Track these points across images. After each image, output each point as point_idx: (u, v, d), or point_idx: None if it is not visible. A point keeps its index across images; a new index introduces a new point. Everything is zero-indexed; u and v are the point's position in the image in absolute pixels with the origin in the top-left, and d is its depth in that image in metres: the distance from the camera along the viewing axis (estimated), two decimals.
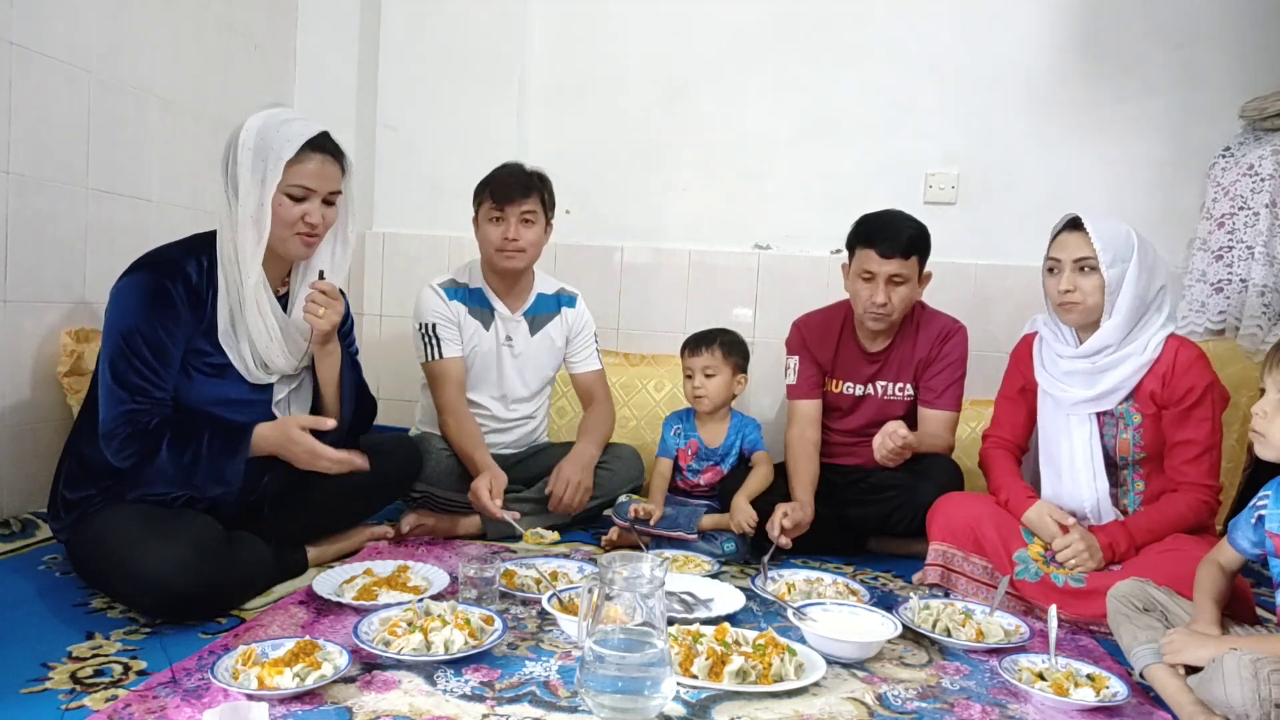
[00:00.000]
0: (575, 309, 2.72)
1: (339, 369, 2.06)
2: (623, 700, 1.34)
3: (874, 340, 2.54)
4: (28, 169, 2.20)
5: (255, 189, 1.82)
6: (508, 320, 2.60)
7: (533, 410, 2.70)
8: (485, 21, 3.32)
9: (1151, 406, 2.06)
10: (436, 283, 2.58)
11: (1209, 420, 2.02)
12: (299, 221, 1.87)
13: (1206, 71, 3.07)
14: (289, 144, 1.83)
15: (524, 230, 2.48)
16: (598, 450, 2.59)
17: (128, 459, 1.79)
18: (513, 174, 2.51)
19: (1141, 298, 2.06)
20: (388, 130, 3.38)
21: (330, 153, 1.91)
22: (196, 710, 1.36)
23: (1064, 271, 2.08)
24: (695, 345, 2.58)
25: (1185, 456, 2.03)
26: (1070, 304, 2.08)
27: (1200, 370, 2.03)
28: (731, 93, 3.32)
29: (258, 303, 1.88)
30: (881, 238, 2.38)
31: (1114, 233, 2.06)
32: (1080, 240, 2.07)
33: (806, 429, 2.54)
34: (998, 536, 2.11)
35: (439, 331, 2.51)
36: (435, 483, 2.43)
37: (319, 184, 1.88)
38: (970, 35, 3.19)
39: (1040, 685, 1.57)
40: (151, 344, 1.80)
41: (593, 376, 2.74)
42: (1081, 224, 2.08)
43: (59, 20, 2.26)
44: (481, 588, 1.87)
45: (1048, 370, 2.18)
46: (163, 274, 1.83)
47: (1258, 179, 2.67)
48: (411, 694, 1.46)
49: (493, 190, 2.49)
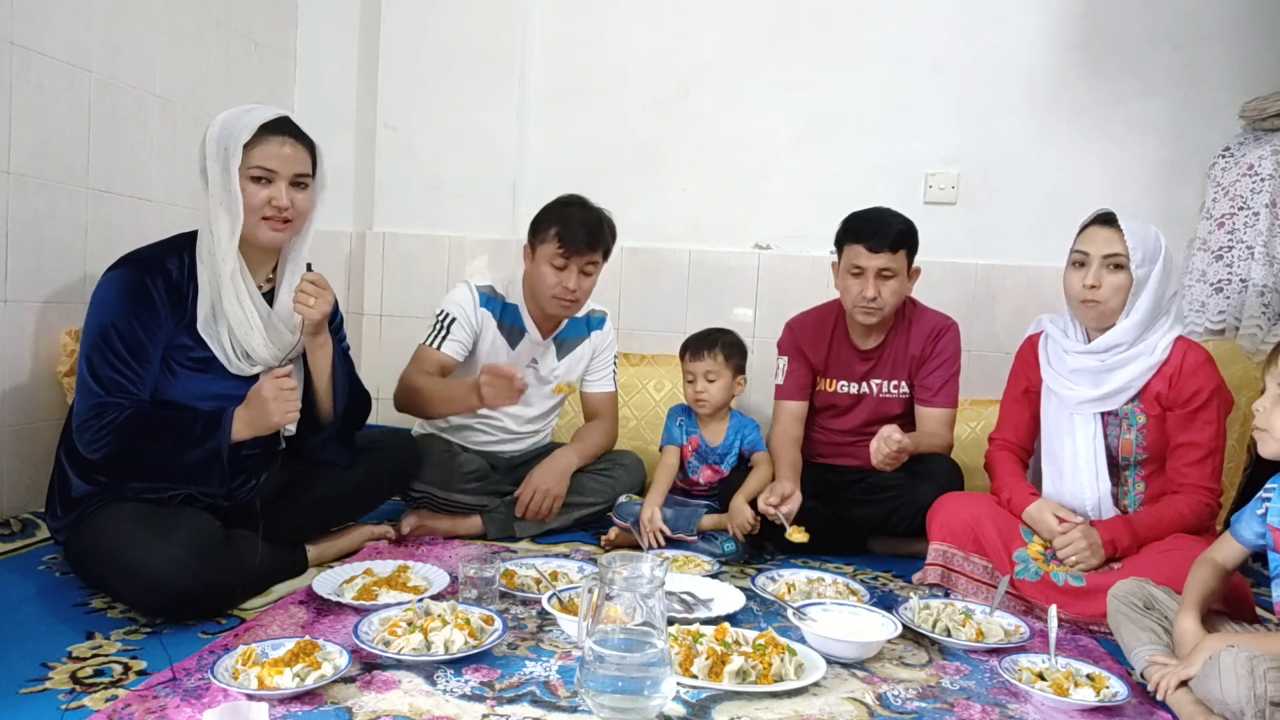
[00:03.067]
0: (603, 330, 2.67)
1: (331, 361, 2.06)
2: (623, 700, 1.35)
3: (866, 338, 2.55)
4: (28, 169, 2.20)
5: (221, 176, 1.85)
6: (537, 345, 2.55)
7: (543, 424, 2.68)
8: (485, 21, 3.32)
9: (1156, 408, 2.05)
10: (476, 283, 2.50)
11: (1213, 423, 2.01)
12: (265, 205, 1.88)
13: (1206, 71, 3.08)
14: (246, 128, 1.86)
15: (583, 281, 2.40)
16: (579, 460, 2.54)
17: (98, 451, 1.80)
18: (586, 223, 2.38)
19: (1159, 300, 2.05)
20: (388, 130, 3.38)
21: (292, 135, 1.91)
22: (196, 710, 1.36)
23: (1091, 266, 2.05)
24: (696, 349, 2.57)
25: (1188, 459, 2.03)
26: (1092, 301, 2.05)
27: (1207, 373, 2.03)
28: (731, 93, 3.32)
29: (235, 290, 1.88)
30: (869, 232, 2.40)
31: (1146, 233, 2.04)
32: (1112, 236, 2.04)
33: (789, 426, 2.55)
34: (998, 536, 2.10)
35: (453, 328, 2.45)
36: (435, 483, 2.42)
37: (280, 165, 1.88)
38: (970, 35, 3.19)
39: (1040, 685, 1.57)
40: (128, 341, 1.81)
41: (603, 398, 2.69)
42: (1114, 220, 2.05)
43: (59, 20, 2.26)
44: (481, 588, 1.87)
45: (1054, 367, 2.17)
46: (143, 271, 1.85)
47: (1258, 179, 2.67)
48: (411, 694, 1.46)
49: (562, 236, 2.35)
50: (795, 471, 2.42)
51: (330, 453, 2.13)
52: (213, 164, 1.86)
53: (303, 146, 1.93)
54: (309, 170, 1.94)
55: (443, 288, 3.27)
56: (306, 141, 1.94)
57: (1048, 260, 3.18)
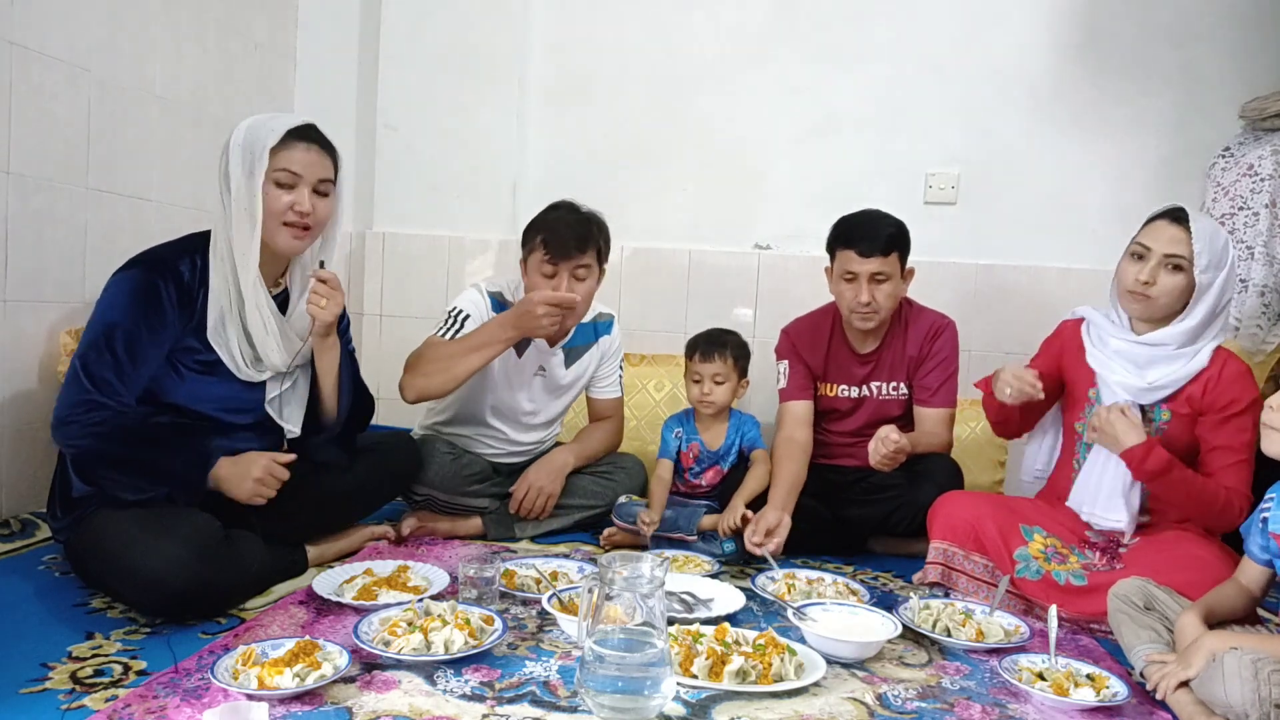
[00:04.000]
0: (610, 334, 2.62)
1: (338, 363, 2.06)
2: (623, 700, 1.34)
3: (864, 341, 2.54)
4: (28, 169, 2.20)
5: (245, 181, 1.85)
6: (544, 352, 2.50)
7: (548, 432, 2.66)
8: (485, 21, 3.32)
9: (1186, 408, 2.02)
10: (486, 288, 2.45)
11: (1249, 431, 1.95)
12: (288, 211, 1.88)
13: (1206, 71, 3.08)
14: (273, 133, 1.87)
15: (577, 286, 2.32)
16: (576, 460, 2.52)
17: (74, 446, 1.81)
18: (569, 224, 2.31)
19: (1217, 307, 2.00)
20: (388, 130, 3.38)
21: (317, 142, 1.92)
22: (196, 710, 1.36)
23: (1150, 261, 1.99)
24: (707, 351, 2.54)
25: (1224, 461, 1.97)
26: (1143, 295, 2.00)
27: (1246, 384, 1.99)
28: (731, 93, 3.31)
29: (255, 298, 1.89)
30: (860, 237, 2.38)
31: (1215, 237, 1.97)
32: (1178, 235, 1.97)
33: (796, 431, 2.51)
34: (999, 535, 2.10)
35: (466, 324, 2.38)
36: (437, 486, 2.41)
37: (305, 170, 1.89)
38: (970, 35, 3.19)
39: (1040, 685, 1.57)
40: (128, 344, 1.81)
41: (609, 404, 2.67)
42: (1184, 218, 1.97)
43: (59, 20, 2.26)
44: (481, 588, 1.87)
45: (1097, 349, 2.11)
46: (154, 272, 1.85)
47: (1257, 179, 2.67)
48: (411, 694, 1.46)
49: (548, 242, 2.28)
50: (792, 490, 2.32)
51: (331, 454, 2.13)
52: (236, 168, 1.86)
53: (326, 153, 1.94)
54: (332, 177, 1.95)
55: (443, 288, 3.28)
56: (330, 149, 1.96)
57: (1048, 260, 3.20)
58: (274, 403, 2.02)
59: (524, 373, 2.50)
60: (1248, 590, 1.67)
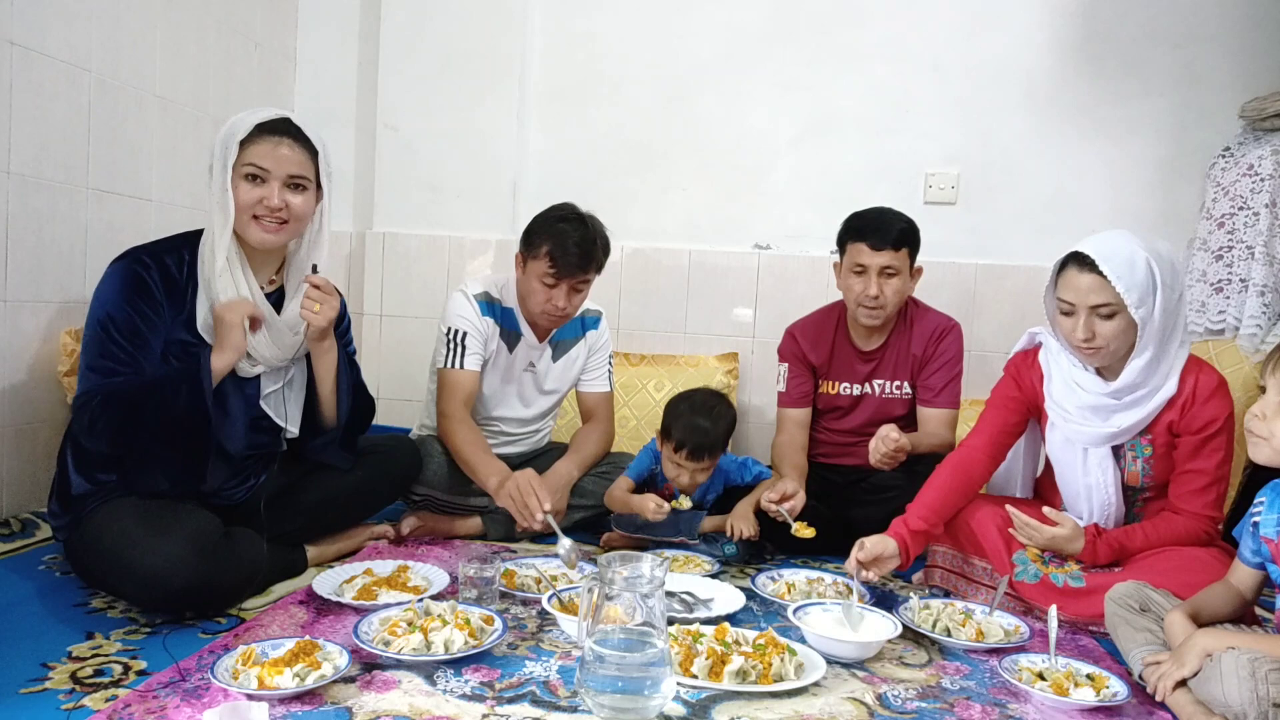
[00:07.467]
0: (598, 330, 2.64)
1: (336, 367, 2.05)
2: (623, 700, 1.35)
3: (868, 338, 2.55)
4: (28, 169, 2.20)
5: (220, 174, 1.86)
6: (533, 348, 2.54)
7: (542, 424, 2.68)
8: (485, 21, 3.32)
9: (1166, 436, 1.99)
10: (472, 292, 2.45)
11: (1221, 451, 1.95)
12: (257, 204, 1.87)
13: (1206, 71, 3.08)
14: (244, 127, 1.87)
15: (574, 297, 2.38)
16: (578, 472, 2.51)
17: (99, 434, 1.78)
18: (579, 244, 2.31)
19: (1165, 329, 1.93)
20: (388, 130, 3.38)
21: (288, 135, 1.90)
22: (196, 710, 1.36)
23: (1080, 316, 1.91)
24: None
25: (1192, 486, 1.97)
26: (1091, 350, 1.93)
27: (1219, 402, 1.95)
28: (731, 93, 3.32)
29: (224, 290, 1.87)
30: (872, 230, 2.41)
31: (1132, 269, 1.85)
32: (1095, 284, 1.88)
33: (795, 434, 2.55)
34: (998, 537, 2.10)
35: (467, 342, 2.41)
36: (437, 486, 2.42)
37: (273, 165, 1.88)
38: (970, 35, 3.19)
39: (1040, 685, 1.57)
40: (125, 331, 1.81)
41: (599, 398, 2.67)
42: (1092, 262, 1.87)
43: (59, 20, 2.26)
44: (481, 588, 1.87)
45: (1056, 400, 2.06)
46: (138, 263, 1.86)
47: (1257, 179, 2.67)
48: (411, 694, 1.46)
49: (554, 255, 2.31)
50: (800, 474, 2.41)
51: (331, 456, 2.13)
52: (215, 161, 1.88)
53: (302, 148, 1.91)
54: (307, 173, 1.93)
55: (443, 288, 3.28)
56: (307, 144, 1.93)
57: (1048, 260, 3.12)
58: (269, 399, 2.02)
59: (514, 369, 2.54)
60: (1238, 591, 1.67)
